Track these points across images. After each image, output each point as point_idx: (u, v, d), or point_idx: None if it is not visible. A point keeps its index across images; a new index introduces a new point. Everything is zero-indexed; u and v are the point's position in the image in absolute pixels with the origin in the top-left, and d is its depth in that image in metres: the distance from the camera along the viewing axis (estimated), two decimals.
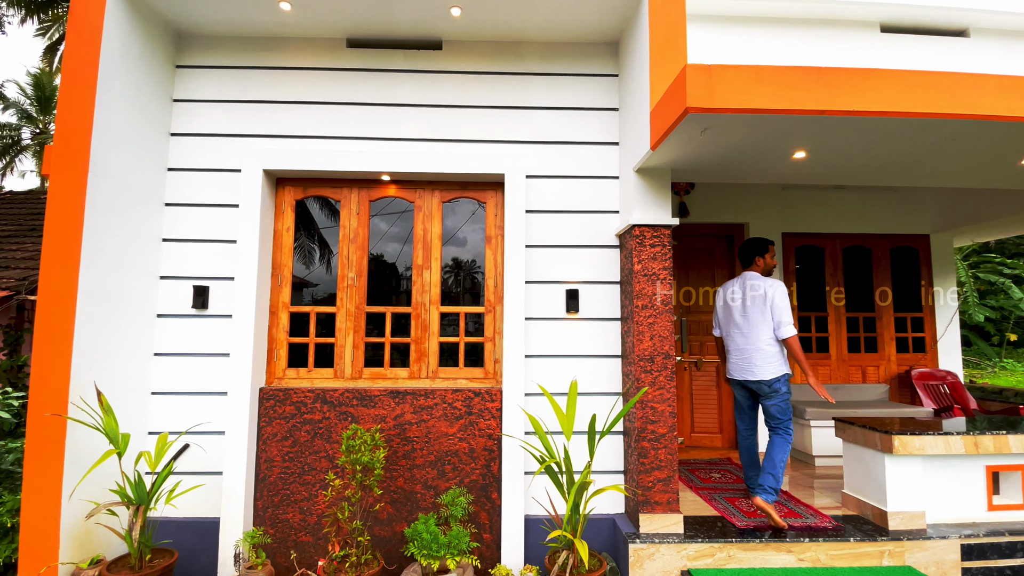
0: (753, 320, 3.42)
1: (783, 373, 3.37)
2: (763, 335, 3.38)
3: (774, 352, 3.36)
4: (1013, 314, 13.14)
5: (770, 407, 3.40)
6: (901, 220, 5.41)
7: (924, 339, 5.37)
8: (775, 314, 3.35)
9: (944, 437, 3.10)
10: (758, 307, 3.42)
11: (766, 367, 3.35)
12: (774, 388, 3.37)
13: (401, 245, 3.58)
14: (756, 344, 3.40)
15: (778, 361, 3.37)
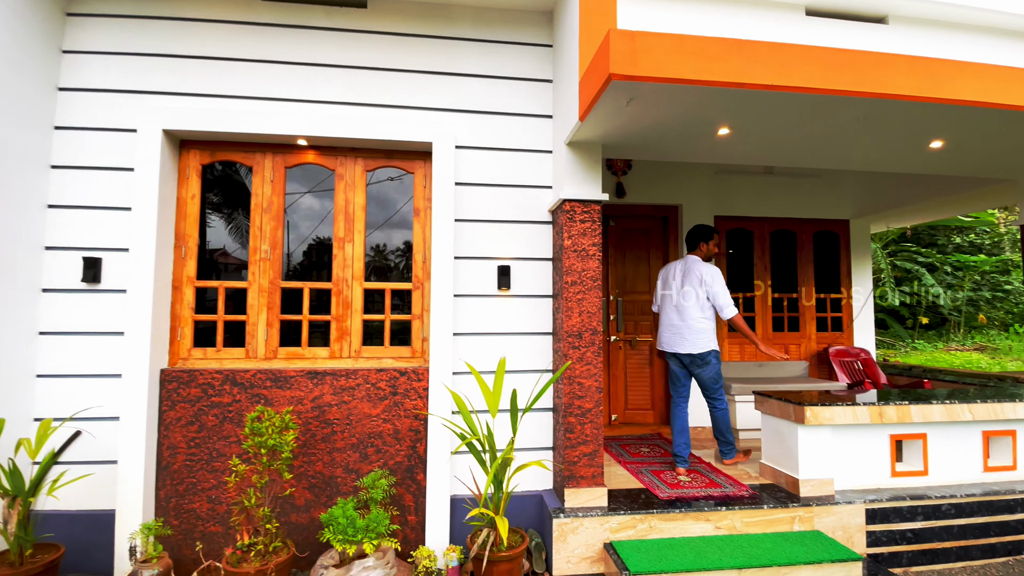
0: (688, 300, 3.69)
1: (712, 349, 3.67)
2: (695, 314, 3.67)
3: (706, 329, 3.67)
4: (925, 299, 14.30)
5: (704, 377, 3.71)
6: (824, 206, 5.66)
7: (842, 319, 5.67)
8: (716, 298, 3.63)
9: (852, 408, 3.25)
10: (694, 289, 3.69)
11: (698, 341, 3.65)
12: (706, 360, 3.68)
13: (321, 216, 3.36)
14: (688, 322, 3.68)
15: (709, 337, 3.68)
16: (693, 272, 3.71)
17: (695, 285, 3.68)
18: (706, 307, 3.67)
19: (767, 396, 3.56)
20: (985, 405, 3.42)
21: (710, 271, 3.66)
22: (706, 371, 3.69)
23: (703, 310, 3.67)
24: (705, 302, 3.66)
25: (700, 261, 3.74)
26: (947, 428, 3.47)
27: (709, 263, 3.75)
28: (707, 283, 3.63)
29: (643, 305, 5.07)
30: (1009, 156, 3.54)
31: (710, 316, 3.70)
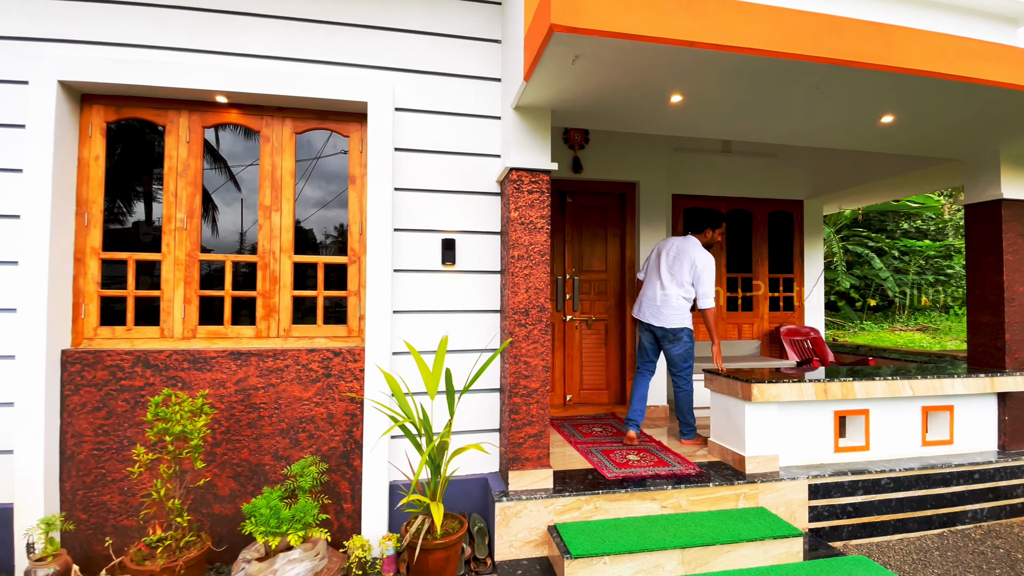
0: (674, 279, 3.76)
1: (685, 327, 3.75)
2: (676, 292, 3.74)
3: (683, 307, 3.75)
4: (874, 282, 14.87)
5: (673, 353, 3.77)
6: (780, 186, 5.67)
7: (794, 299, 5.74)
8: (700, 285, 3.70)
9: (798, 385, 3.24)
10: (684, 270, 3.74)
11: (672, 318, 3.73)
12: (678, 336, 3.75)
13: (245, 183, 3.07)
14: (668, 299, 3.75)
15: (684, 316, 3.76)
16: (687, 253, 3.74)
17: (685, 267, 3.72)
18: (689, 289, 3.73)
19: (715, 374, 3.52)
20: (925, 381, 3.48)
21: (704, 258, 3.70)
22: (676, 347, 3.74)
23: (685, 291, 3.73)
24: (689, 285, 3.72)
25: (699, 246, 3.76)
26: (889, 404, 3.51)
27: (706, 250, 3.76)
28: (697, 269, 3.69)
29: (600, 284, 4.97)
30: (955, 135, 3.55)
31: (690, 298, 3.76)
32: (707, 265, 3.68)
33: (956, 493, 3.44)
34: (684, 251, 3.76)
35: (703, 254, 3.71)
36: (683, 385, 3.77)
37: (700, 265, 3.68)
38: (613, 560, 2.54)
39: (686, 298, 3.72)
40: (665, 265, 3.79)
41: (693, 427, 3.82)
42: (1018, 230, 3.76)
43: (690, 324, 3.75)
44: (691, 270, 3.70)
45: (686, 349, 3.73)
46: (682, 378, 3.75)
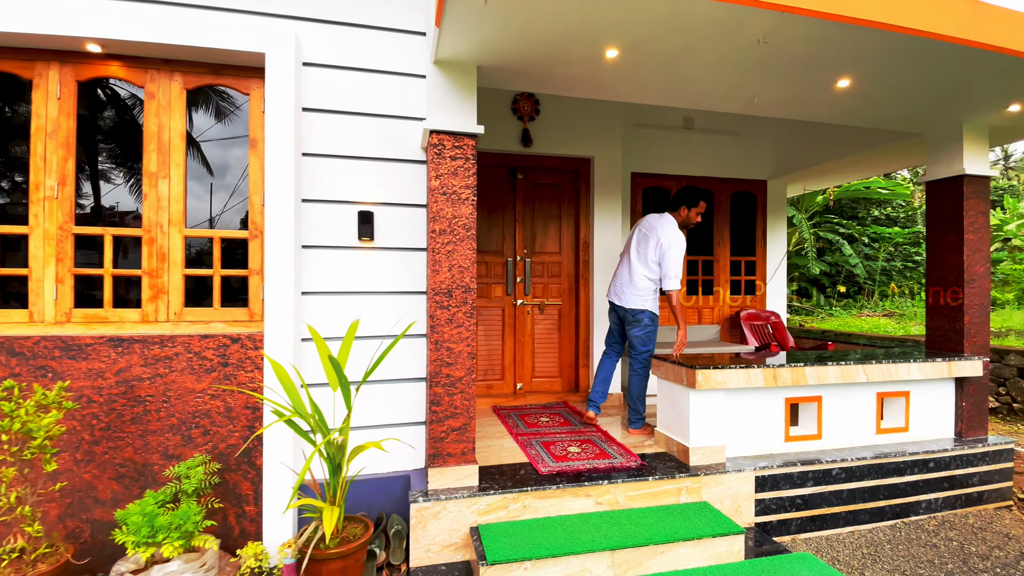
0: (641, 257, 3.57)
1: (647, 309, 3.54)
2: (642, 271, 3.54)
3: (646, 289, 3.54)
4: (844, 269, 14.97)
5: (633, 336, 3.58)
6: (743, 165, 5.45)
7: (755, 282, 5.56)
8: (665, 265, 3.46)
9: (745, 371, 3.03)
10: (651, 248, 3.52)
11: (634, 299, 3.55)
12: (638, 318, 3.56)
13: (128, 145, 2.70)
14: (634, 278, 3.57)
15: (646, 297, 3.55)
16: (656, 231, 3.53)
17: (651, 244, 3.52)
18: (653, 269, 3.52)
19: (661, 359, 3.29)
20: (880, 366, 3.30)
21: (670, 235, 3.45)
22: (636, 329, 3.56)
23: (651, 271, 3.52)
24: (655, 265, 3.51)
25: (671, 224, 3.52)
26: (842, 390, 3.33)
27: (679, 229, 3.52)
28: (663, 246, 3.45)
29: (553, 267, 4.70)
30: (917, 106, 3.34)
31: (655, 278, 3.54)
32: (672, 243, 3.43)
33: (910, 483, 3.29)
34: (653, 228, 3.55)
35: (671, 232, 3.47)
36: (637, 369, 3.55)
37: (665, 243, 3.44)
38: (535, 565, 2.29)
39: (650, 278, 3.51)
40: (635, 243, 3.62)
41: (642, 416, 3.60)
42: (979, 207, 3.59)
43: (654, 307, 3.54)
44: (656, 248, 3.47)
45: (646, 333, 3.52)
46: (638, 362, 3.53)
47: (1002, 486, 3.49)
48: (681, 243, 3.46)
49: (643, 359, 3.52)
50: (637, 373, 3.54)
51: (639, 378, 3.55)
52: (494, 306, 4.55)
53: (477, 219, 4.51)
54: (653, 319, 3.54)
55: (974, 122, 3.55)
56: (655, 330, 3.55)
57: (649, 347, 3.52)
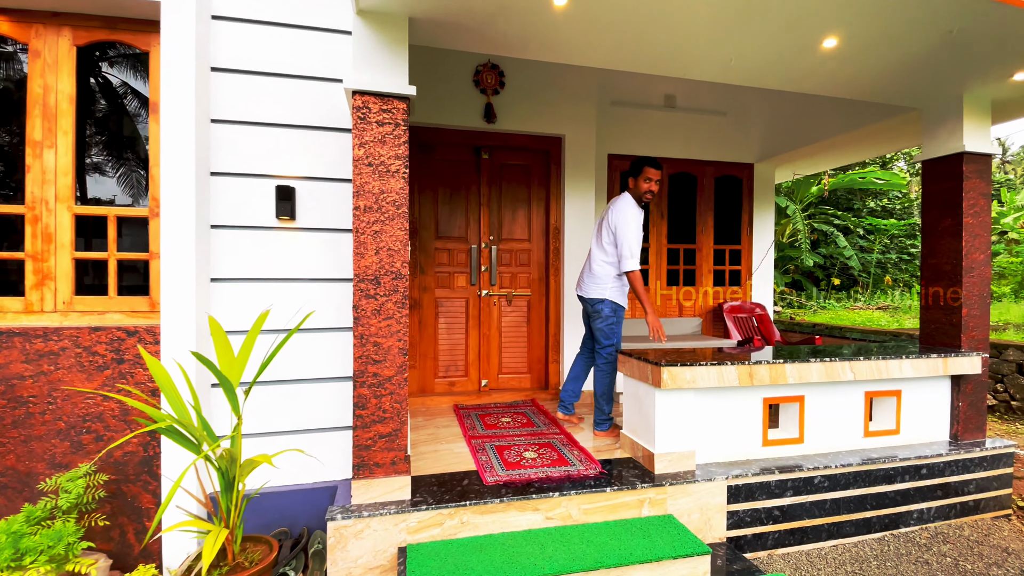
0: (598, 242, 3.30)
1: (606, 298, 3.22)
2: (599, 256, 3.27)
3: (605, 275, 3.23)
4: (838, 261, 14.68)
5: (596, 328, 3.28)
6: (728, 147, 5.11)
7: (740, 272, 5.24)
8: (619, 245, 3.15)
9: (717, 368, 2.71)
10: (605, 230, 3.25)
11: (593, 287, 3.26)
12: (597, 309, 3.25)
13: (8, 110, 2.35)
14: (592, 265, 3.30)
15: (606, 284, 3.22)
16: (609, 210, 3.25)
17: (605, 224, 3.24)
18: (611, 252, 3.20)
19: (627, 355, 2.97)
20: (869, 363, 2.99)
21: (621, 212, 3.15)
22: (598, 321, 3.24)
23: (607, 254, 3.22)
24: (611, 247, 3.19)
25: (625, 201, 3.20)
26: (827, 389, 3.02)
27: (632, 204, 3.19)
28: (615, 224, 3.14)
29: (522, 255, 4.37)
30: (912, 74, 3.00)
31: (612, 262, 3.20)
32: (625, 219, 3.11)
33: (901, 491, 2.98)
34: (608, 209, 3.29)
35: (622, 207, 3.16)
36: (601, 365, 3.24)
37: (614, 219, 3.14)
38: None
39: (608, 263, 3.20)
40: (595, 229, 3.37)
41: (608, 417, 3.28)
42: (980, 189, 3.26)
43: (616, 296, 3.21)
44: (610, 228, 3.18)
45: (607, 325, 3.19)
46: (602, 357, 3.22)
47: (1000, 493, 3.20)
48: (634, 219, 3.14)
49: (607, 354, 3.20)
50: (601, 369, 3.23)
51: (603, 375, 3.23)
52: (457, 297, 4.22)
53: (438, 202, 4.18)
54: (615, 310, 3.21)
55: (975, 93, 3.21)
56: (618, 322, 3.21)
57: (613, 341, 3.19)
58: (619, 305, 3.21)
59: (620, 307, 3.22)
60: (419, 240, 4.12)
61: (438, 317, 4.18)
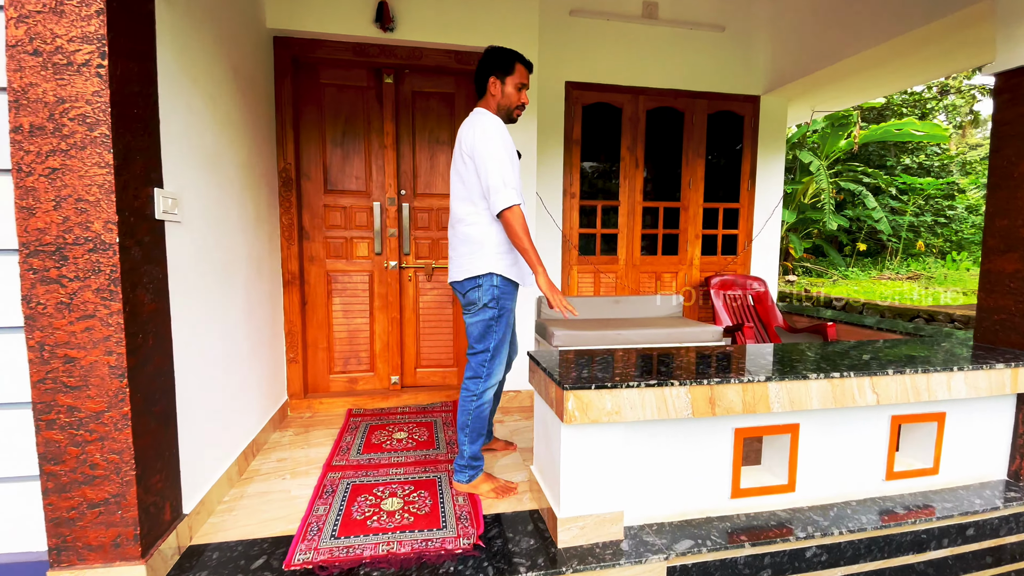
0: (455, 186, 2.13)
1: (484, 273, 2.03)
2: (461, 211, 2.09)
3: (472, 238, 2.05)
4: (866, 224, 13.28)
5: (467, 325, 2.12)
6: (726, 73, 3.94)
7: (738, 238, 4.16)
8: (481, 175, 1.97)
9: (657, 391, 1.73)
10: (462, 167, 2.06)
11: (465, 262, 2.07)
12: (469, 298, 2.07)
13: None
14: (455, 226, 2.13)
15: (477, 254, 2.04)
16: (462, 135, 2.06)
17: (461, 157, 2.05)
18: (479, 200, 2.02)
19: (536, 362, 2.00)
20: (900, 379, 1.98)
21: (480, 130, 1.96)
22: (467, 316, 2.09)
23: (474, 204, 2.04)
24: (476, 191, 2.01)
25: (483, 117, 2.02)
26: (834, 415, 2.04)
27: (495, 122, 2.00)
28: (470, 147, 1.98)
29: (443, 214, 3.37)
30: None
31: (479, 220, 2.03)
32: (484, 137, 1.95)
33: (935, 562, 2.03)
34: (460, 134, 2.08)
35: (479, 124, 1.99)
36: (467, 384, 2.11)
37: (470, 141, 1.98)
38: None
39: (477, 218, 2.03)
40: (452, 171, 2.15)
41: (470, 464, 2.12)
42: None
43: (501, 265, 2.03)
44: (464, 159, 2.03)
45: (483, 320, 2.04)
46: (470, 368, 2.11)
47: None
48: (499, 137, 1.96)
49: (479, 364, 2.07)
50: (466, 390, 2.09)
51: (464, 398, 2.09)
52: (356, 270, 3.27)
53: (326, 143, 3.16)
54: (495, 296, 2.03)
55: None
56: (500, 315, 2.05)
57: (487, 344, 2.05)
58: (508, 282, 2.05)
59: (509, 285, 2.07)
60: (300, 194, 3.14)
61: (331, 296, 3.25)
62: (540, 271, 1.98)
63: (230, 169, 2.28)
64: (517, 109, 2.12)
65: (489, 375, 2.05)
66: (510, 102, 2.09)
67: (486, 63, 2.09)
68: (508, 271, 2.05)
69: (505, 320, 2.06)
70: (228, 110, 2.27)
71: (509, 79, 2.07)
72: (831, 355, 2.20)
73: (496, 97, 2.09)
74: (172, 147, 1.76)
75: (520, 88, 2.08)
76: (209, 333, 2.02)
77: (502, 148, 1.95)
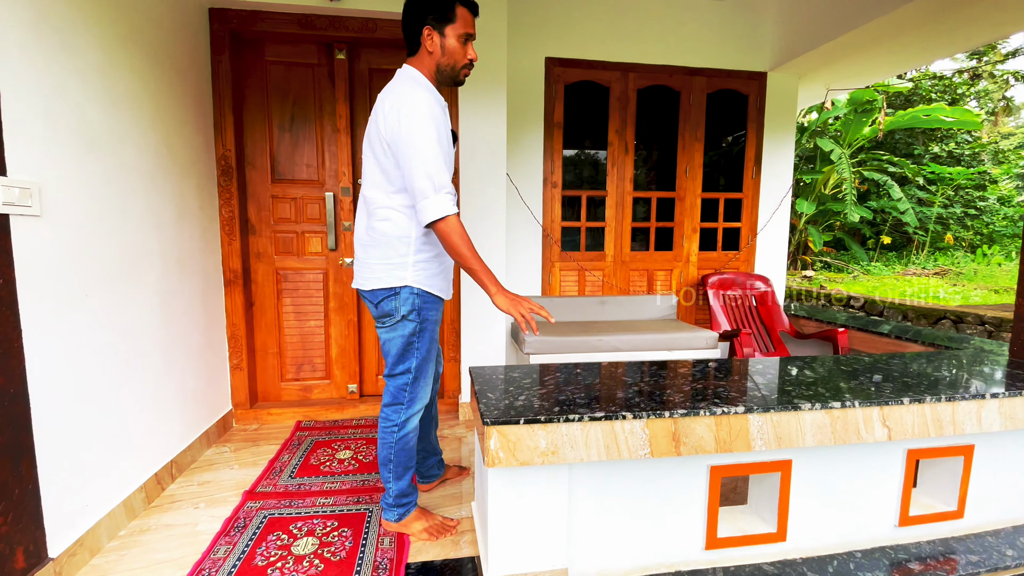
0: (368, 168, 1.66)
1: (399, 286, 1.63)
2: (374, 198, 1.64)
3: (391, 238, 1.63)
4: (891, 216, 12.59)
5: (381, 342, 1.73)
6: (729, 47, 3.53)
7: (740, 232, 3.76)
8: (405, 172, 1.53)
9: (605, 425, 1.39)
10: (376, 144, 1.61)
11: (374, 267, 1.66)
12: (383, 309, 1.67)
13: None
14: (361, 218, 1.73)
15: (396, 261, 1.63)
16: (378, 109, 1.60)
17: (376, 136, 1.60)
18: (394, 182, 1.60)
19: (473, 383, 1.68)
20: (919, 408, 1.61)
21: (404, 115, 1.50)
22: (384, 331, 1.69)
23: (391, 196, 1.61)
24: (398, 182, 1.59)
25: (409, 81, 1.59)
26: (834, 449, 1.67)
27: (425, 89, 1.57)
28: (390, 131, 1.53)
29: None
30: None
31: (396, 216, 1.62)
32: (405, 127, 1.50)
33: None
34: (377, 106, 1.62)
35: (401, 94, 1.54)
36: (386, 412, 1.74)
37: (389, 129, 1.53)
38: None
39: (394, 209, 1.61)
40: (365, 148, 1.68)
41: (400, 501, 1.78)
42: None
43: (420, 276, 1.65)
44: (381, 140, 1.58)
45: (402, 337, 1.66)
46: (388, 393, 1.73)
47: None
48: (427, 122, 1.50)
49: (395, 390, 1.72)
50: (387, 420, 1.73)
51: (384, 430, 1.73)
52: (309, 268, 2.97)
53: (272, 127, 2.85)
54: (415, 307, 1.65)
55: None
56: (422, 329, 1.67)
57: (408, 364, 1.69)
58: (430, 296, 1.68)
59: (432, 300, 1.69)
60: (244, 183, 2.84)
61: (282, 296, 2.96)
62: (494, 289, 1.58)
63: (133, 154, 1.98)
64: (464, 69, 1.65)
65: (412, 401, 1.72)
66: (453, 60, 1.62)
67: (415, 7, 1.59)
68: (432, 283, 1.68)
69: (429, 334, 1.71)
70: (131, 85, 1.97)
71: (450, 29, 1.58)
72: (834, 375, 1.82)
73: (434, 55, 1.60)
74: (26, 126, 1.46)
75: (466, 40, 1.62)
76: (93, 344, 1.74)
77: (433, 139, 1.50)
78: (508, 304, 1.57)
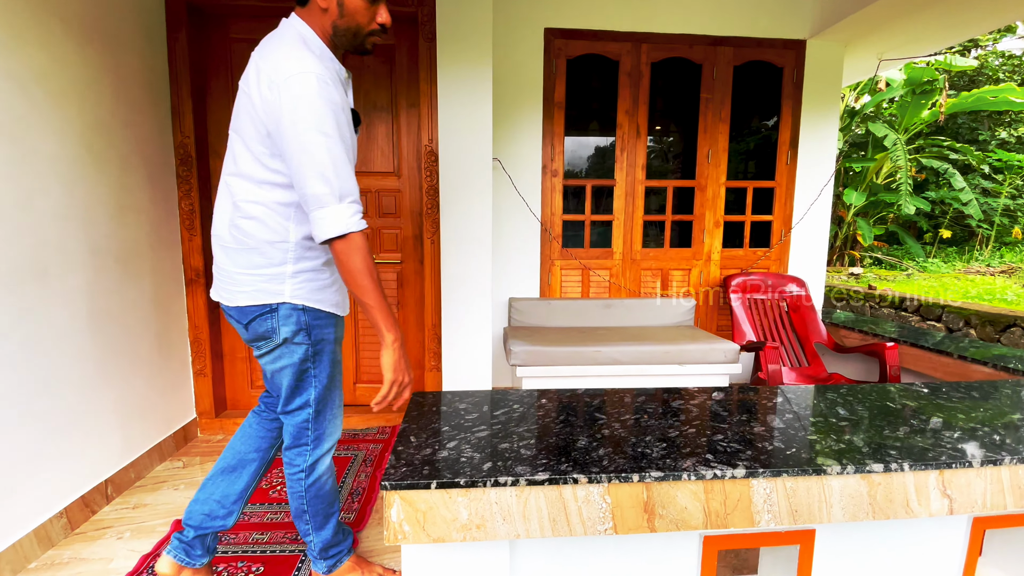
0: (234, 150, 1.25)
1: (275, 302, 1.26)
2: (242, 190, 1.24)
3: (255, 242, 1.25)
4: (951, 208, 11.52)
5: (264, 373, 1.40)
6: (760, 11, 3.05)
7: (772, 226, 3.28)
8: (295, 172, 1.15)
9: (550, 491, 1.04)
10: (243, 124, 1.21)
11: (234, 276, 1.28)
12: (255, 330, 1.30)
13: None
14: (223, 210, 1.29)
15: (271, 269, 1.25)
16: (254, 86, 1.17)
17: (247, 117, 1.19)
18: (277, 180, 1.21)
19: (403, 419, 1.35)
20: (993, 471, 1.18)
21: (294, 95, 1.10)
22: (266, 362, 1.33)
23: (258, 184, 1.22)
24: (273, 166, 1.20)
25: (299, 46, 1.16)
26: (872, 523, 1.27)
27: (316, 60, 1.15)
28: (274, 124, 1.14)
29: (385, 198, 2.76)
30: None
31: (283, 210, 1.23)
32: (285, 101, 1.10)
33: None
34: (255, 72, 1.18)
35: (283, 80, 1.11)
36: (289, 457, 1.40)
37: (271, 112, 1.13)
38: None
39: (257, 212, 1.22)
40: (233, 125, 1.26)
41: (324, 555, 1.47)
42: None
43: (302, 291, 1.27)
44: (258, 121, 1.16)
45: (291, 365, 1.30)
46: (288, 434, 1.39)
47: None
48: (324, 108, 1.11)
49: (295, 431, 1.37)
50: (292, 466, 1.39)
51: (291, 478, 1.40)
52: None
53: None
54: (300, 328, 1.28)
55: None
56: (316, 352, 1.32)
57: (306, 397, 1.34)
58: (319, 313, 1.30)
59: (322, 317, 1.31)
60: (208, 175, 2.60)
61: None
62: (390, 338, 1.23)
63: (49, 142, 1.75)
64: (371, 36, 1.25)
65: (319, 440, 1.40)
66: (355, 22, 1.21)
67: None
68: (320, 298, 1.30)
69: (328, 356, 1.35)
70: (46, 63, 1.73)
71: None
72: (876, 416, 1.41)
73: (330, 14, 1.19)
74: None
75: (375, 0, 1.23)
76: None
77: (332, 132, 1.12)
78: (394, 364, 1.24)
